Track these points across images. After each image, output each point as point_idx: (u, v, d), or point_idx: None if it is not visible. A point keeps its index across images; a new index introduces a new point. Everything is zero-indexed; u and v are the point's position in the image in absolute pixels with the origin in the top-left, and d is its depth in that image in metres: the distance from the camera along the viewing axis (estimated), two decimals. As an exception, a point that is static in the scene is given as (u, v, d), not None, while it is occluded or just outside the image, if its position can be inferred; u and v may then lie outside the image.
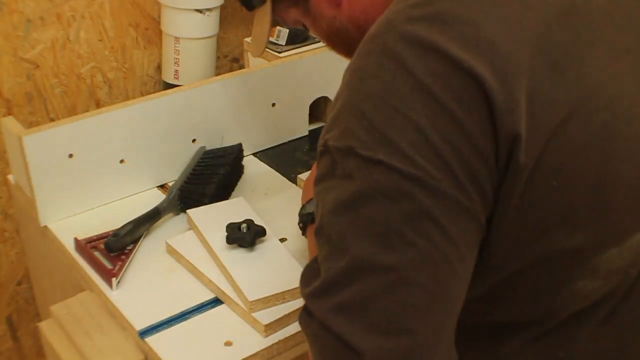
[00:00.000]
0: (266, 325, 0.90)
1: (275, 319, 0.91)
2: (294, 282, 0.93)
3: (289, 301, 0.93)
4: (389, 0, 0.68)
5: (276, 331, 0.91)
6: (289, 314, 0.92)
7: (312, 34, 0.93)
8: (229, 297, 0.94)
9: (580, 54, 0.64)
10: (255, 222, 1.02)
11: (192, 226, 1.07)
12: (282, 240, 1.05)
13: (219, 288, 0.96)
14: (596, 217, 0.65)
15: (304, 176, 1.18)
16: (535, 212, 0.63)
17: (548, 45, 0.63)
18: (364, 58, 0.64)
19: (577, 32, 0.64)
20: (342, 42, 0.85)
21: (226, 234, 1.01)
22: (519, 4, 0.63)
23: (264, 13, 0.93)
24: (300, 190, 1.16)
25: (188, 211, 1.08)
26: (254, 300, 0.91)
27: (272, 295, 0.92)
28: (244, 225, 1.01)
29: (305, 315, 0.63)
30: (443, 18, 0.61)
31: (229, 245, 1.00)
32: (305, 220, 0.95)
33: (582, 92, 0.63)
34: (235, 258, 0.99)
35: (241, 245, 1.00)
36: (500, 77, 0.60)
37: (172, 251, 1.04)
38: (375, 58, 0.63)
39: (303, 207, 0.97)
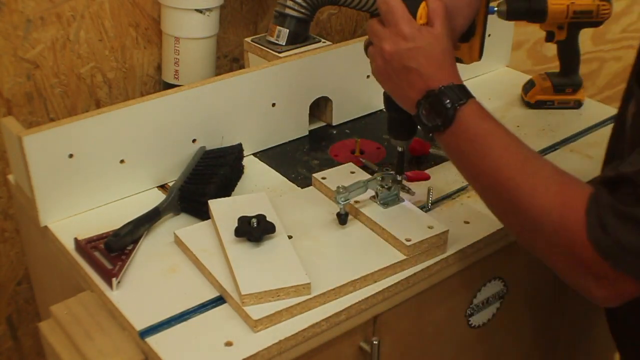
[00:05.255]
0: (256, 320, 0.90)
1: (266, 314, 0.91)
2: (292, 280, 0.93)
3: (282, 299, 0.93)
4: None
5: (267, 327, 0.91)
6: (281, 311, 0.92)
7: None
8: (227, 291, 0.95)
9: None
10: (268, 219, 1.02)
11: (210, 217, 1.08)
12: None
13: (217, 281, 0.96)
14: None
15: (318, 175, 1.17)
16: None
17: None
18: None
19: None
20: None
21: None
22: None
23: None
24: (315, 190, 1.16)
25: (209, 201, 1.08)
26: (246, 294, 0.92)
27: (266, 291, 0.92)
28: (254, 220, 1.01)
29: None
30: None
31: (237, 238, 1.00)
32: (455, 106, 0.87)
33: None
34: (241, 251, 0.99)
35: (249, 240, 1.00)
36: None
37: (179, 242, 1.05)
38: None
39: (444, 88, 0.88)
